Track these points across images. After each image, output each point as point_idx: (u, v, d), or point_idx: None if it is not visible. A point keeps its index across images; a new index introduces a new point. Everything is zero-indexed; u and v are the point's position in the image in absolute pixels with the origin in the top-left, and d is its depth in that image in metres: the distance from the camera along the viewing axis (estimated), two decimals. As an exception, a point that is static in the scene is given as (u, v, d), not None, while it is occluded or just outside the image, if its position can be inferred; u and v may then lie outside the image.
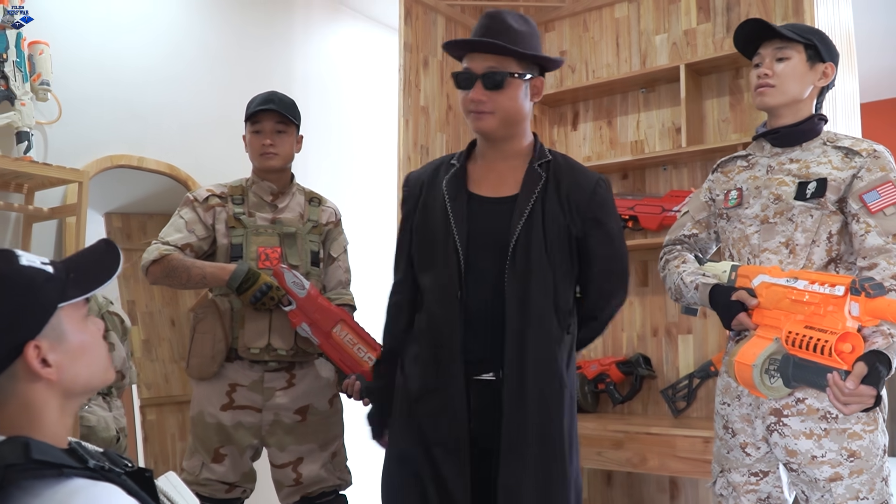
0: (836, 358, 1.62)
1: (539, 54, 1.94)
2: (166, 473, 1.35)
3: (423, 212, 2.03)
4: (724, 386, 2.14)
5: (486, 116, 1.92)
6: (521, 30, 1.91)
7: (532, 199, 1.93)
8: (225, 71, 3.84)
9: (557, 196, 1.95)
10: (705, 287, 2.03)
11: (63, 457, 1.06)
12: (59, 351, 1.13)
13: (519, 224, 1.91)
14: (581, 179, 2.00)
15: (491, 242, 1.93)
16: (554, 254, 1.92)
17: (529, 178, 1.96)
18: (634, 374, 3.41)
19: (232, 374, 2.53)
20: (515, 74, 1.90)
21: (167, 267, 2.47)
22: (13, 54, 2.89)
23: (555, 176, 1.97)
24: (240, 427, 2.52)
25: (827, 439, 1.92)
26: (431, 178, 2.07)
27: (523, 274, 1.89)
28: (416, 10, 3.63)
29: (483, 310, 1.91)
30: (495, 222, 1.94)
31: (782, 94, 2.06)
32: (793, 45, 2.05)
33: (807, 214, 1.99)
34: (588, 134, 3.78)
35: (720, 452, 2.14)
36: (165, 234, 2.54)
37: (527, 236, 1.90)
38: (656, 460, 2.97)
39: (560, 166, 2.00)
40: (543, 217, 1.92)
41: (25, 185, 2.97)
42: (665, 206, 3.36)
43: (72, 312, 1.16)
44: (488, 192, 1.99)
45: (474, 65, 1.90)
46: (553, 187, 1.96)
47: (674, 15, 3.57)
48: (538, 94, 1.99)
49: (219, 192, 2.62)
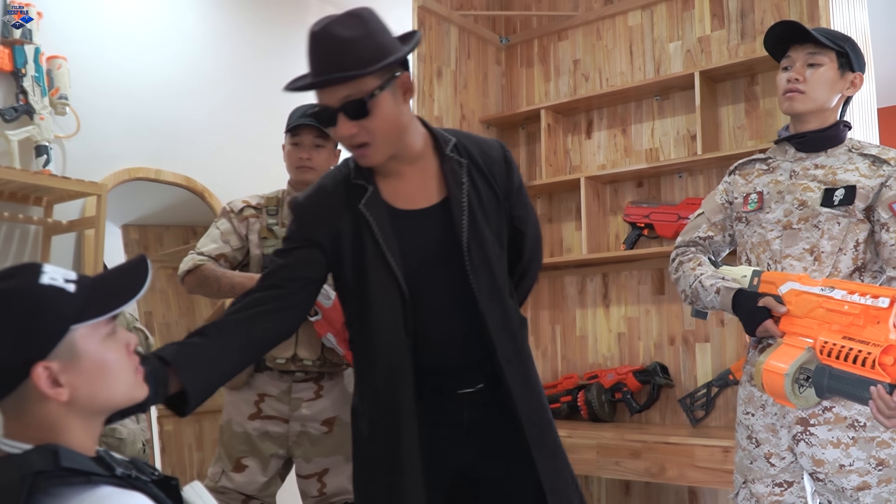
0: (878, 370, 1.57)
1: (390, 58, 1.62)
2: (191, 483, 1.35)
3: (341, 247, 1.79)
4: (746, 396, 2.12)
5: (368, 150, 1.68)
6: (356, 35, 1.59)
7: (464, 192, 1.78)
8: (241, 84, 3.86)
9: (483, 176, 1.82)
10: (728, 291, 1.99)
11: (91, 464, 1.07)
12: (73, 371, 1.12)
13: (463, 221, 1.76)
14: (489, 150, 1.87)
15: (439, 255, 1.78)
16: (501, 237, 1.85)
17: (451, 172, 1.79)
18: (652, 383, 3.40)
19: (261, 384, 2.54)
20: (375, 92, 1.61)
21: (200, 277, 2.50)
22: (32, 69, 2.92)
23: (469, 156, 1.82)
24: (266, 437, 2.52)
25: (855, 448, 1.90)
26: (336, 203, 1.80)
27: (482, 270, 1.76)
28: (429, 20, 3.65)
29: (448, 328, 1.81)
30: (435, 233, 1.78)
31: (812, 101, 2.03)
32: (826, 51, 2.02)
33: (834, 222, 1.97)
34: (602, 142, 3.77)
35: (743, 463, 2.12)
36: (201, 244, 2.58)
37: (475, 232, 1.76)
38: (675, 470, 2.95)
39: (465, 144, 1.84)
40: (481, 205, 1.79)
41: (44, 198, 2.99)
42: (681, 214, 3.35)
43: (91, 332, 1.14)
44: (412, 205, 1.80)
45: (328, 98, 1.63)
46: (475, 168, 1.82)
47: (688, 22, 3.57)
48: (409, 89, 1.71)
49: (254, 203, 2.64)
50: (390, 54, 1.63)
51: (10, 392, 1.10)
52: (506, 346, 1.79)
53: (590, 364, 3.69)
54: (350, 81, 1.59)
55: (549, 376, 3.79)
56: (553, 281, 3.84)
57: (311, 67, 1.65)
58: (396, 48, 1.66)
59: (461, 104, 3.80)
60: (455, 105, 3.77)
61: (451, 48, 3.77)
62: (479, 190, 1.81)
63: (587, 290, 3.74)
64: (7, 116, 2.86)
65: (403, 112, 1.71)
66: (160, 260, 3.51)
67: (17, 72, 2.90)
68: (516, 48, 4.13)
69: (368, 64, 1.58)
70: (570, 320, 3.78)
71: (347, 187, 1.79)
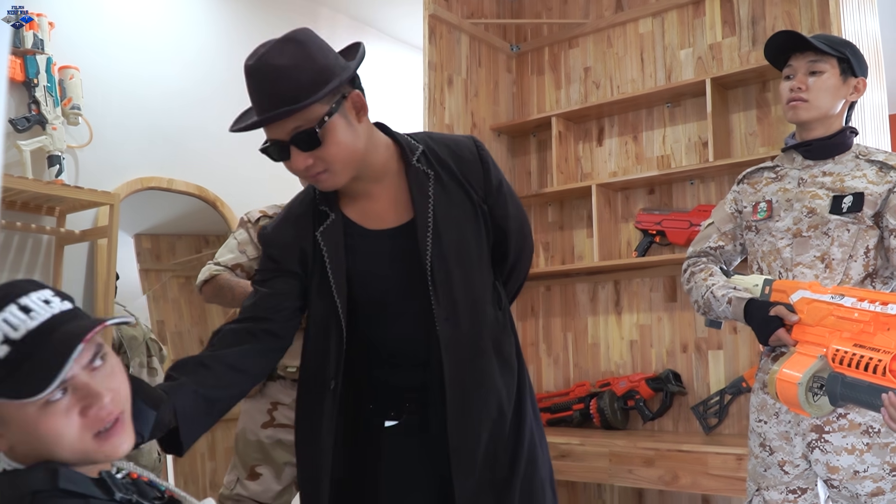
0: (890, 377, 1.57)
1: (334, 80, 1.53)
2: (203, 501, 1.34)
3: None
4: (759, 403, 2.11)
5: (325, 177, 1.60)
6: (294, 62, 1.51)
7: (430, 207, 1.70)
8: (251, 92, 3.88)
9: (456, 182, 1.74)
10: (739, 301, 1.99)
11: (90, 487, 1.07)
12: (5, 429, 1.07)
13: (428, 241, 1.68)
14: (462, 152, 1.78)
15: (403, 277, 1.72)
16: (481, 245, 1.75)
17: (417, 185, 1.71)
18: (664, 391, 3.39)
19: (273, 393, 2.57)
20: (325, 118, 1.52)
21: (216, 287, 2.53)
22: (44, 79, 2.94)
23: (438, 163, 1.74)
24: (278, 445, 2.53)
25: (869, 454, 1.89)
26: (301, 229, 1.75)
27: (443, 291, 1.68)
28: (440, 29, 3.65)
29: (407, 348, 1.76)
30: (400, 254, 1.72)
31: (816, 109, 2.03)
32: (827, 58, 2.03)
33: (843, 229, 1.96)
34: (614, 149, 3.77)
35: (756, 470, 2.11)
36: (219, 255, 2.61)
37: (439, 252, 1.68)
38: (688, 478, 2.93)
39: (435, 150, 1.76)
40: (451, 217, 1.71)
41: (57, 208, 3.01)
42: (693, 221, 3.34)
43: (20, 403, 1.04)
44: (382, 224, 1.74)
45: (276, 133, 1.55)
46: (446, 175, 1.73)
47: (699, 29, 3.56)
48: (362, 107, 1.62)
49: (271, 213, 2.67)
50: (335, 76, 1.53)
51: None
52: (455, 371, 1.67)
53: (602, 372, 3.68)
54: (296, 113, 1.50)
55: (561, 384, 3.78)
56: (565, 288, 3.83)
57: (253, 103, 1.58)
58: (340, 67, 1.57)
59: (472, 112, 3.80)
60: (466, 113, 3.77)
61: (462, 56, 3.78)
62: (452, 199, 1.72)
63: (599, 297, 3.73)
64: (19, 126, 2.88)
65: (359, 133, 1.60)
66: (172, 269, 3.53)
67: (30, 82, 2.93)
68: (527, 56, 4.13)
69: (312, 91, 1.49)
70: (581, 328, 3.77)
71: (314, 211, 1.74)
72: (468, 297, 1.71)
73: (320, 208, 1.74)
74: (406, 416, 1.78)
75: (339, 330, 1.69)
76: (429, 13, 3.59)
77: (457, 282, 1.70)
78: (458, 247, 1.71)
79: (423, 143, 1.76)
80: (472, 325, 1.71)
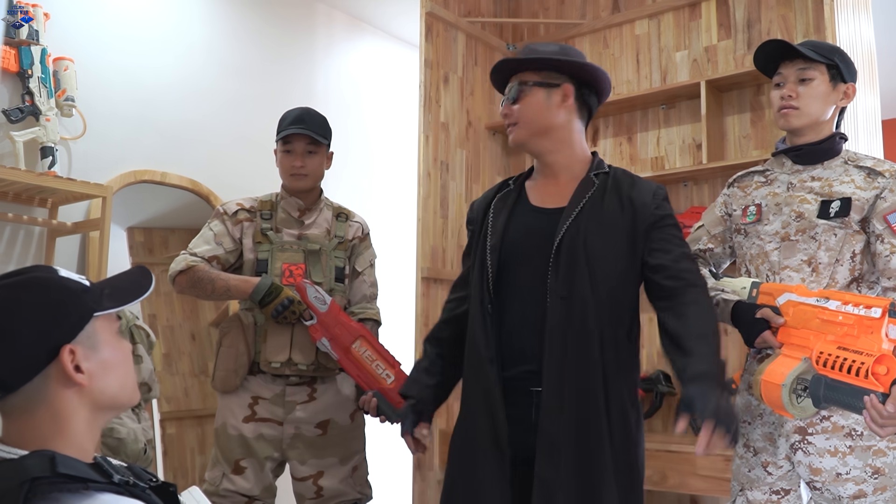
0: (872, 380, 1.59)
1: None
2: (189, 488, 1.35)
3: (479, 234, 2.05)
4: (744, 404, 2.13)
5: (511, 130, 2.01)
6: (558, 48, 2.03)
7: (582, 202, 1.90)
8: (247, 87, 3.88)
9: (618, 198, 1.92)
10: (727, 304, 2.01)
11: (88, 471, 1.08)
12: (92, 360, 1.16)
13: (565, 225, 1.87)
14: (642, 185, 1.96)
15: (536, 248, 1.90)
16: (608, 250, 1.87)
17: (582, 187, 1.94)
18: (655, 392, 3.39)
19: (255, 388, 2.56)
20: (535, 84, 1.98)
21: (193, 278, 2.50)
22: (38, 70, 2.94)
23: (614, 182, 1.95)
24: (261, 439, 2.53)
25: (851, 456, 1.90)
26: (489, 202, 2.07)
27: (568, 273, 1.84)
28: (436, 27, 3.65)
29: (536, 317, 1.87)
30: (544, 227, 1.91)
31: (807, 116, 2.05)
32: (816, 65, 2.04)
33: (830, 233, 1.98)
34: (608, 150, 3.77)
35: (740, 471, 2.12)
36: (194, 245, 2.57)
37: (573, 237, 1.85)
38: (676, 478, 2.94)
39: (619, 174, 1.99)
40: (596, 218, 1.88)
41: (49, 199, 3.01)
42: (685, 223, 3.34)
43: (106, 325, 1.20)
44: (542, 204, 1.99)
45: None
46: (612, 191, 1.93)
47: (694, 31, 3.57)
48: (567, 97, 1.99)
49: (248, 206, 2.64)
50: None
51: (32, 378, 1.11)
52: (555, 352, 1.81)
53: (592, 372, 3.68)
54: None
55: (552, 384, 3.77)
56: (557, 288, 3.83)
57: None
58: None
59: (467, 110, 3.80)
60: (461, 111, 3.77)
61: (459, 55, 3.78)
62: (604, 207, 1.91)
63: (591, 297, 3.72)
64: (13, 117, 2.88)
65: (558, 115, 1.98)
66: (164, 263, 3.53)
67: (24, 73, 2.92)
68: (523, 55, 4.13)
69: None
70: (573, 328, 3.76)
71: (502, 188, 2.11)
72: (592, 287, 1.84)
73: (508, 183, 2.12)
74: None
75: (485, 272, 1.98)
76: (425, 11, 3.59)
77: (582, 267, 1.84)
78: (583, 238, 1.86)
79: (612, 169, 2.00)
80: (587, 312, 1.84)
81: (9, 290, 1.13)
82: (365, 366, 2.48)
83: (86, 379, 1.14)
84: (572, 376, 1.80)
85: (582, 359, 1.81)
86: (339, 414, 2.62)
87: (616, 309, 1.86)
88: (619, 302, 1.87)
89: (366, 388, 2.49)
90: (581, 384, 1.80)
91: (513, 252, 1.94)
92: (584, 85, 1.98)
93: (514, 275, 1.92)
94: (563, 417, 1.79)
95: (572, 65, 1.95)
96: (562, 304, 1.82)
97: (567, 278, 1.83)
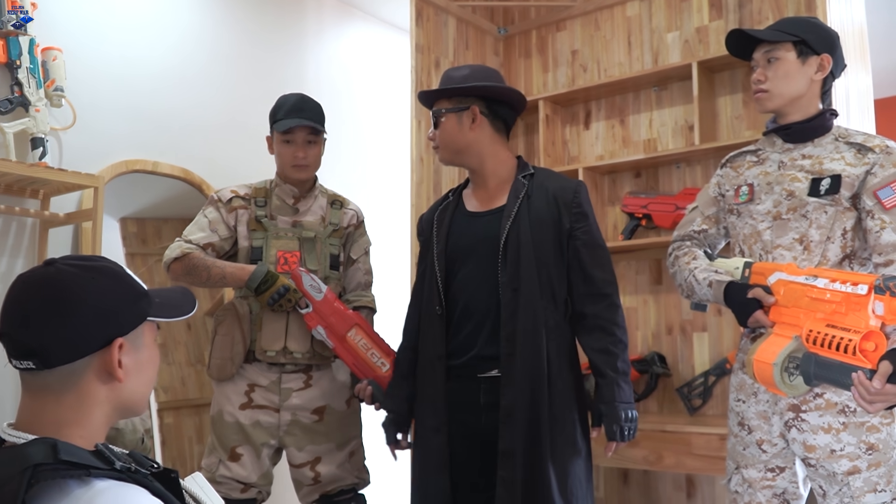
0: (860, 357, 1.61)
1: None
2: (193, 474, 1.36)
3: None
4: (738, 383, 2.14)
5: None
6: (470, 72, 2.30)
7: (518, 203, 2.19)
8: (237, 74, 3.86)
9: (545, 195, 2.20)
10: (719, 284, 2.02)
11: (90, 458, 1.08)
12: (134, 358, 1.20)
13: (507, 224, 2.17)
14: (564, 183, 2.25)
15: (479, 248, 2.22)
16: (544, 246, 2.16)
17: (514, 189, 2.23)
18: (650, 373, 3.40)
19: (251, 375, 2.56)
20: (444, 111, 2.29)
21: (188, 265, 2.49)
22: (27, 61, 2.92)
23: (539, 181, 2.25)
24: (257, 426, 2.54)
25: (845, 433, 1.91)
26: (434, 213, 2.39)
27: (514, 268, 2.13)
28: (426, 11, 3.64)
29: (483, 311, 2.19)
30: (482, 228, 2.23)
31: (779, 97, 2.07)
32: (780, 44, 2.05)
33: (821, 211, 1.98)
34: (600, 133, 3.77)
35: (735, 449, 2.14)
36: (189, 232, 2.57)
37: (516, 234, 2.15)
38: (672, 458, 2.96)
39: (542, 174, 2.28)
40: (529, 216, 2.17)
41: (41, 190, 3.00)
42: (679, 205, 3.35)
43: (150, 331, 1.25)
44: (476, 209, 2.30)
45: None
46: (539, 189, 2.22)
47: (686, 12, 3.56)
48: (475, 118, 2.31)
49: (242, 193, 2.64)
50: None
51: (74, 360, 1.13)
52: (512, 338, 2.11)
53: (588, 354, 3.69)
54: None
55: (548, 367, 3.78)
56: (551, 272, 3.83)
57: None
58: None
59: (459, 95, 3.79)
60: (453, 96, 3.76)
61: (449, 39, 3.77)
62: (533, 205, 2.20)
63: (585, 280, 3.73)
64: (2, 108, 2.86)
65: (467, 136, 2.30)
66: (158, 254, 3.52)
67: (12, 63, 2.90)
68: (514, 39, 4.13)
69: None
70: (568, 311, 3.77)
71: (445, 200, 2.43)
72: (536, 279, 2.14)
73: (448, 195, 2.44)
74: None
75: (435, 274, 2.30)
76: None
77: (526, 260, 2.15)
78: (527, 234, 2.16)
79: (536, 170, 2.30)
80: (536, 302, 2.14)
81: (84, 270, 1.16)
82: (360, 354, 2.49)
83: (123, 375, 1.17)
84: (527, 359, 2.10)
85: (532, 342, 2.10)
86: (335, 400, 2.62)
87: (555, 295, 2.16)
88: (556, 289, 2.16)
89: (361, 376, 2.50)
90: (531, 364, 2.10)
91: (457, 255, 2.25)
92: (493, 102, 2.26)
93: (461, 275, 2.23)
94: (516, 390, 2.08)
95: (476, 88, 2.22)
96: (514, 295, 2.12)
97: (515, 272, 2.13)
